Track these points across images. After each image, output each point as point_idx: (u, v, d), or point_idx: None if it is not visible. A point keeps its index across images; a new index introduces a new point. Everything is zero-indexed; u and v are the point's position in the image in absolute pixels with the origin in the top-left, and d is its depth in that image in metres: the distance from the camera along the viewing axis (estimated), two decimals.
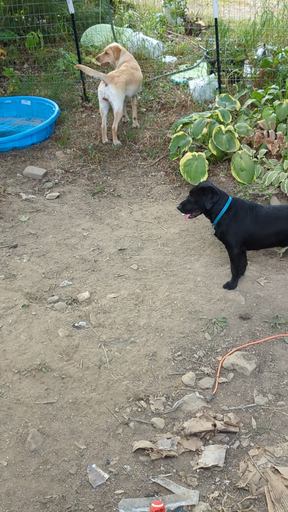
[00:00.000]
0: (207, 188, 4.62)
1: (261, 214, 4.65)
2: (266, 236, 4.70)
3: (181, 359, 4.09)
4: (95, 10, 11.07)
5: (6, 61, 9.61)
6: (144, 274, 5.03)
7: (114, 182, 6.58)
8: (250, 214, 4.64)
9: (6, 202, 6.21)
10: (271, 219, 4.63)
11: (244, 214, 4.64)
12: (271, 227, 4.63)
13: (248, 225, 4.64)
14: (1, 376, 3.98)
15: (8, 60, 9.68)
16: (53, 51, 9.77)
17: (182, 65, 9.51)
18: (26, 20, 10.48)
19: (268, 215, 4.65)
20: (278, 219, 4.61)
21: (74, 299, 4.75)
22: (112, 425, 3.60)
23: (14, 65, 9.76)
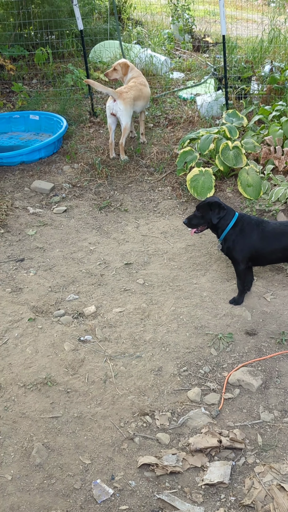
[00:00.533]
0: (214, 203, 4.63)
1: (268, 230, 4.65)
2: (272, 252, 4.69)
3: (187, 375, 4.08)
4: (104, 26, 11.19)
5: (15, 76, 9.71)
6: (150, 288, 5.03)
7: (121, 197, 6.61)
8: (257, 230, 4.65)
9: (13, 216, 6.24)
10: (278, 235, 4.63)
11: (251, 230, 4.65)
12: (277, 243, 4.63)
13: (255, 240, 4.64)
14: (6, 389, 3.97)
15: (17, 76, 9.78)
16: (61, 66, 9.87)
17: (190, 81, 9.58)
18: (35, 36, 10.61)
19: (274, 230, 4.65)
20: (285, 235, 4.60)
21: (80, 313, 4.76)
22: (117, 440, 3.59)
23: (23, 80, 9.86)
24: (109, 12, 11.48)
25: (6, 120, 8.33)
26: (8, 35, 10.31)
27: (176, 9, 11.76)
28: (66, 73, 9.40)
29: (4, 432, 3.64)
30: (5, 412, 3.79)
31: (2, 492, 3.27)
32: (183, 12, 11.65)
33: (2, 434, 3.63)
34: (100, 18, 11.85)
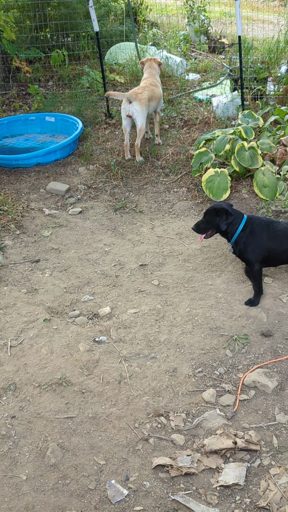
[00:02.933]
0: (221, 209, 4.64)
1: (278, 230, 4.67)
2: (284, 251, 4.69)
3: (202, 376, 4.06)
4: (120, 28, 11.21)
5: (31, 78, 9.76)
6: (165, 289, 5.02)
7: (136, 198, 6.61)
8: (267, 230, 4.66)
9: (29, 217, 6.27)
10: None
11: (261, 231, 4.66)
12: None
13: (266, 241, 4.65)
14: (21, 389, 3.99)
15: (33, 78, 9.84)
16: (77, 68, 9.91)
17: (205, 83, 9.56)
18: (51, 38, 10.66)
19: (285, 230, 4.67)
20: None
21: (95, 314, 4.76)
22: (132, 441, 3.59)
23: (39, 82, 9.91)
24: (125, 14, 11.50)
25: (22, 122, 8.38)
26: (25, 38, 10.37)
27: (192, 11, 11.74)
28: (81, 75, 9.44)
29: (19, 432, 3.65)
30: (20, 412, 3.80)
31: (17, 492, 3.28)
32: (199, 13, 11.63)
33: (17, 434, 3.64)
34: (115, 20, 11.87)
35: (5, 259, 5.53)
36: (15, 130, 8.37)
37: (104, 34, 10.83)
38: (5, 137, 8.28)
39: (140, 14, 12.73)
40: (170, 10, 13.63)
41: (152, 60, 7.59)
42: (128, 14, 11.37)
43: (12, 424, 3.71)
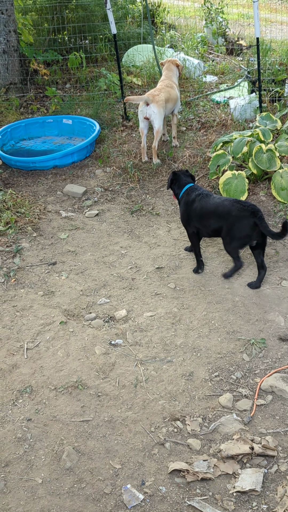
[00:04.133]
0: (171, 173, 5.42)
1: (209, 203, 5.03)
2: (209, 224, 5.05)
3: (218, 380, 4.03)
4: (137, 30, 11.21)
5: (49, 81, 9.80)
6: (182, 293, 5.00)
7: (153, 201, 6.59)
8: (200, 201, 5.09)
9: (46, 219, 6.28)
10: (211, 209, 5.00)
11: (194, 200, 5.14)
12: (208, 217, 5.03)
13: (195, 210, 5.12)
14: (38, 392, 3.99)
15: (51, 80, 9.87)
16: (94, 71, 9.92)
17: (223, 85, 9.52)
18: (69, 40, 10.70)
19: (214, 204, 5.00)
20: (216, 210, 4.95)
21: (111, 317, 4.75)
22: (148, 445, 3.57)
23: (57, 84, 9.95)
24: (142, 16, 11.50)
25: (40, 125, 8.41)
26: (42, 40, 10.42)
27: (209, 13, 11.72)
28: (99, 77, 9.45)
29: (35, 435, 3.65)
30: (36, 415, 3.80)
31: (33, 495, 3.27)
32: (216, 15, 11.60)
33: (33, 437, 3.64)
34: (133, 22, 11.88)
35: (22, 261, 5.54)
36: (33, 132, 8.40)
37: (122, 36, 10.83)
38: (22, 140, 8.31)
39: (157, 16, 12.73)
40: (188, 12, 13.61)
41: (170, 62, 7.58)
42: (146, 17, 11.37)
43: (28, 427, 3.71)
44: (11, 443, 3.61)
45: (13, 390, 4.01)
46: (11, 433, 3.67)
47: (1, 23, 9.02)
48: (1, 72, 9.34)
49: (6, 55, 9.22)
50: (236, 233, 4.88)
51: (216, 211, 4.94)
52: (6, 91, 9.39)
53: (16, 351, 4.38)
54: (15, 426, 3.72)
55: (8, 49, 9.20)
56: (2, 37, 9.10)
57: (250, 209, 4.80)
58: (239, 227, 4.84)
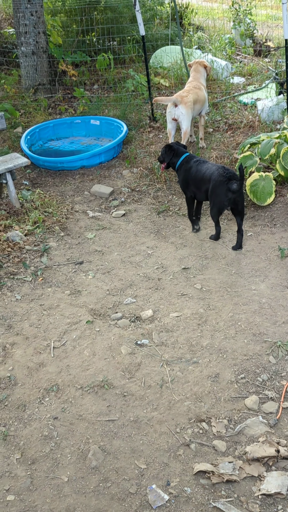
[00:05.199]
0: (166, 146, 5.99)
1: (203, 167, 5.63)
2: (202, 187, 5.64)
3: (244, 382, 4.02)
4: (165, 32, 11.22)
5: (77, 82, 9.86)
6: (208, 294, 4.99)
7: (179, 201, 6.59)
8: (196, 167, 5.70)
9: (73, 219, 6.32)
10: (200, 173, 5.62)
11: (191, 167, 5.75)
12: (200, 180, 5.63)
13: (189, 175, 5.75)
14: (64, 391, 4.01)
15: (79, 81, 9.93)
16: (122, 72, 9.96)
17: (250, 86, 9.48)
18: (97, 42, 10.75)
19: (206, 168, 5.59)
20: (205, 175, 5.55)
21: (137, 317, 4.76)
22: (173, 446, 3.57)
23: (85, 86, 10.00)
24: (170, 18, 11.50)
25: (67, 125, 8.46)
26: (71, 42, 10.49)
27: (237, 14, 11.67)
28: (126, 79, 9.48)
29: (61, 434, 3.68)
30: (62, 414, 3.83)
31: (59, 493, 3.30)
32: (244, 17, 11.55)
33: (59, 435, 3.67)
34: (161, 23, 11.89)
35: (49, 260, 5.58)
36: (61, 133, 8.46)
37: (150, 38, 10.85)
38: (50, 140, 8.37)
39: (185, 17, 12.72)
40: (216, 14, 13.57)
41: (198, 63, 7.57)
42: (174, 18, 11.38)
43: (54, 425, 3.74)
44: (38, 441, 3.64)
45: (40, 388, 4.05)
46: (37, 431, 3.71)
47: (31, 24, 9.11)
48: (30, 73, 9.43)
49: (35, 56, 9.30)
50: (215, 197, 5.51)
51: (205, 175, 5.58)
52: (35, 92, 9.47)
53: (43, 350, 4.42)
54: (41, 424, 3.75)
55: (37, 50, 9.29)
56: (32, 38, 9.18)
57: (228, 175, 5.36)
58: (217, 191, 5.44)
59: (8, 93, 9.50)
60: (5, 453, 3.57)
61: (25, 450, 3.58)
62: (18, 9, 9.07)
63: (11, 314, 4.85)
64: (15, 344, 4.49)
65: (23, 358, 4.33)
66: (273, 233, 5.81)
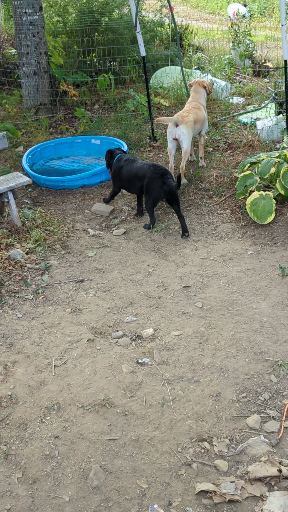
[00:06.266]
0: (107, 151, 6.93)
1: (133, 166, 6.50)
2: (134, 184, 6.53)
3: (246, 401, 4.01)
4: (165, 53, 11.35)
5: (78, 102, 9.94)
6: (209, 312, 5.00)
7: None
8: (126, 165, 6.57)
9: (74, 237, 6.35)
10: (132, 171, 6.48)
11: (122, 165, 6.61)
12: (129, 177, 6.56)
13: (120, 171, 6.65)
14: (65, 410, 4.00)
15: (80, 101, 10.02)
16: (123, 92, 10.05)
17: (250, 106, 9.57)
18: (98, 62, 10.86)
19: (136, 167, 6.45)
20: (137, 174, 6.39)
21: (138, 335, 4.76)
22: (175, 465, 3.55)
23: (85, 105, 10.09)
24: (170, 39, 11.64)
25: (68, 145, 8.52)
26: (72, 62, 10.60)
27: (236, 35, 11.80)
28: (127, 99, 9.56)
29: (63, 453, 3.66)
30: (63, 433, 3.81)
31: None
32: (244, 38, 11.68)
33: (60, 454, 3.65)
34: (161, 44, 12.02)
35: (50, 278, 5.60)
36: (62, 152, 8.52)
37: (150, 58, 10.97)
38: (52, 159, 8.43)
39: (185, 38, 12.87)
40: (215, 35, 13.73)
41: (197, 83, 7.64)
42: (174, 39, 11.51)
43: (55, 444, 3.72)
44: (39, 460, 3.62)
45: (41, 407, 4.04)
46: (39, 450, 3.69)
47: (32, 45, 9.21)
48: (32, 93, 9.51)
49: (37, 76, 9.39)
50: (150, 191, 6.32)
51: (138, 173, 6.40)
52: (36, 112, 9.55)
53: (44, 368, 4.41)
54: (42, 443, 3.74)
55: (38, 70, 9.38)
56: (33, 59, 9.28)
57: (161, 172, 6.25)
58: (153, 186, 6.27)
59: (10, 112, 9.58)
60: (6, 472, 3.55)
61: (26, 469, 3.56)
62: (20, 30, 9.18)
63: (12, 332, 4.85)
64: (16, 362, 4.49)
65: (24, 377, 4.32)
66: (273, 251, 5.83)
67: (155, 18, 12.01)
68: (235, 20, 12.31)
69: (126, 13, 11.15)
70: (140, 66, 10.39)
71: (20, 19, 9.08)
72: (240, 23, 11.97)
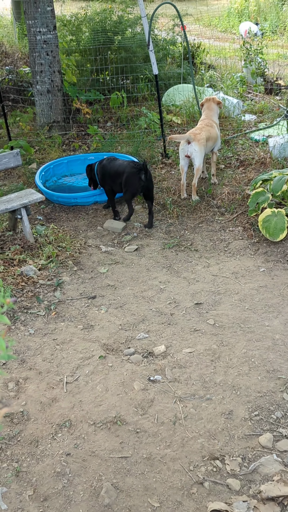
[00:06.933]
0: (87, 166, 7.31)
1: (109, 164, 6.95)
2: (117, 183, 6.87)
3: (258, 419, 3.98)
4: (177, 71, 11.44)
5: (90, 119, 10.03)
6: (221, 329, 4.98)
7: (191, 236, 6.64)
8: (107, 164, 6.98)
9: (86, 254, 6.38)
10: (111, 170, 6.87)
11: (104, 166, 7.01)
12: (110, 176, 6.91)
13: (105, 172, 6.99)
14: (77, 427, 4.00)
15: (93, 119, 10.10)
16: (135, 110, 10.13)
17: (262, 123, 9.60)
18: (111, 80, 10.96)
19: (116, 166, 6.86)
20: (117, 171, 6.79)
21: (150, 352, 4.76)
22: (187, 484, 3.53)
23: (98, 123, 10.18)
24: (183, 57, 11.73)
25: (81, 162, 8.58)
26: (85, 80, 10.71)
27: (248, 53, 11.89)
28: (139, 116, 9.64)
29: (74, 470, 3.65)
30: (75, 450, 3.80)
31: None
32: (255, 56, 11.76)
33: (72, 472, 3.64)
34: (173, 62, 12.13)
35: (62, 295, 5.62)
36: (74, 169, 8.58)
37: (162, 76, 11.06)
38: (64, 176, 8.49)
39: (197, 57, 12.98)
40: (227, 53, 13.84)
41: (210, 100, 7.68)
42: (186, 57, 11.60)
43: (67, 462, 3.71)
44: (50, 477, 3.61)
45: (53, 424, 4.03)
46: (50, 467, 3.68)
47: (46, 64, 9.33)
48: (45, 111, 9.61)
49: (50, 94, 9.50)
50: (128, 185, 6.72)
51: (118, 170, 6.80)
52: (49, 129, 9.64)
53: (55, 385, 4.42)
54: (54, 461, 3.73)
55: (52, 88, 9.48)
56: (47, 77, 9.39)
57: (138, 167, 6.64)
58: (131, 180, 6.67)
59: (23, 130, 9.68)
60: (17, 489, 3.55)
61: (38, 487, 3.55)
62: (34, 49, 9.30)
63: (24, 349, 4.86)
64: (28, 379, 4.49)
65: (36, 393, 4.33)
66: (286, 268, 5.82)
67: (167, 36, 12.13)
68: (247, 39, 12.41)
69: (139, 32, 11.27)
70: (153, 84, 10.48)
71: (34, 38, 9.20)
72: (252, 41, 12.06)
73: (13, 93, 11.18)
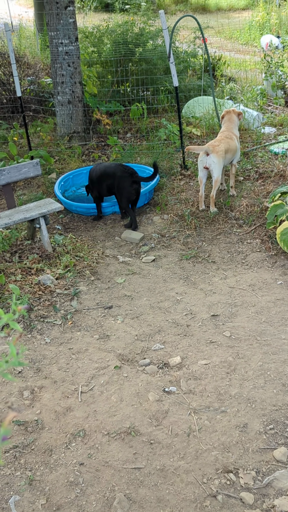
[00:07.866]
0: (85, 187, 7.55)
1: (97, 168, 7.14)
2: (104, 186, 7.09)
3: (273, 433, 3.95)
4: (198, 83, 11.48)
5: (110, 130, 10.10)
6: (237, 342, 4.96)
7: (209, 248, 6.63)
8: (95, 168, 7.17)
9: (104, 264, 6.40)
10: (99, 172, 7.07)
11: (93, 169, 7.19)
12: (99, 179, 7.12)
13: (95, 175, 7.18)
14: (91, 436, 4.00)
15: (113, 130, 10.17)
16: (155, 121, 10.18)
17: (281, 136, 9.59)
18: (131, 92, 11.04)
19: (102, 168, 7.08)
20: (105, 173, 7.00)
21: (165, 363, 4.75)
22: (200, 497, 3.51)
23: (118, 134, 10.24)
24: (203, 69, 11.78)
25: None
26: (106, 92, 10.80)
27: (269, 66, 11.89)
28: (159, 128, 9.68)
29: (87, 480, 3.65)
30: (88, 460, 3.80)
31: None
32: (276, 69, 11.76)
33: (85, 481, 3.64)
34: (194, 75, 12.18)
35: (79, 304, 5.64)
36: None
37: (182, 88, 11.12)
38: (83, 186, 8.54)
39: (218, 69, 13.02)
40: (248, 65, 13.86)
41: (231, 112, 7.69)
42: (206, 69, 11.65)
43: (80, 471, 3.71)
44: (63, 486, 3.61)
45: (67, 433, 4.04)
46: (63, 476, 3.69)
47: (68, 75, 9.43)
48: (66, 121, 9.71)
49: (71, 105, 9.59)
50: (122, 190, 6.88)
51: (106, 171, 6.98)
52: (70, 139, 9.73)
53: (70, 394, 4.43)
54: (67, 470, 3.73)
55: (73, 99, 9.58)
56: (68, 88, 9.49)
57: (130, 171, 6.84)
58: (124, 185, 6.85)
59: (44, 140, 9.77)
60: (30, 498, 3.55)
61: (50, 496, 3.56)
62: (55, 60, 9.41)
63: (40, 357, 4.88)
64: (43, 387, 4.51)
65: (51, 402, 4.34)
66: None
67: (188, 49, 12.20)
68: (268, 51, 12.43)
69: (160, 44, 11.34)
70: (173, 96, 10.53)
71: (56, 49, 9.31)
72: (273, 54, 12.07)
73: (34, 104, 11.31)
